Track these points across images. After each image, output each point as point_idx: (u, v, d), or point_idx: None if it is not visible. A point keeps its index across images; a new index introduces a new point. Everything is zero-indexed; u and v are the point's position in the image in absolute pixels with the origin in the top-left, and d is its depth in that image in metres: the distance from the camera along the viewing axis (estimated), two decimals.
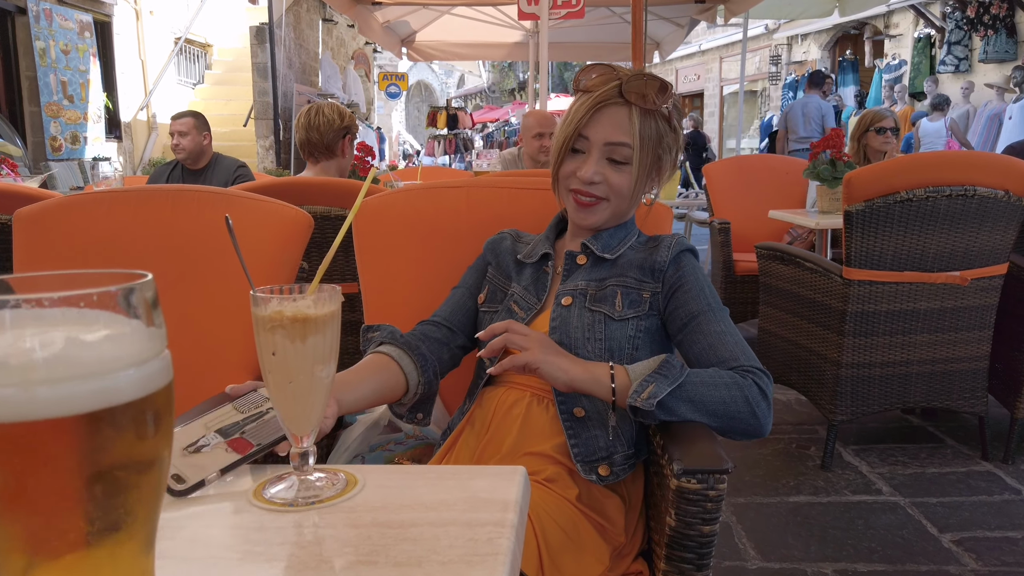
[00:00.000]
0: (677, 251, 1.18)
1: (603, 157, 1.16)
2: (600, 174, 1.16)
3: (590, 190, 1.17)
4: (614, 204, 1.19)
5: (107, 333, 0.40)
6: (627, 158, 1.15)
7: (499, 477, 0.77)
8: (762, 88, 16.95)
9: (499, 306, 1.25)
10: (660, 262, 1.17)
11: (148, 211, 1.53)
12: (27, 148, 7.48)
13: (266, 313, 0.72)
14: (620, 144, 1.15)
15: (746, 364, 1.07)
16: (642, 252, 1.21)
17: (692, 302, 1.13)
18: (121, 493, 0.40)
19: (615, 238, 1.23)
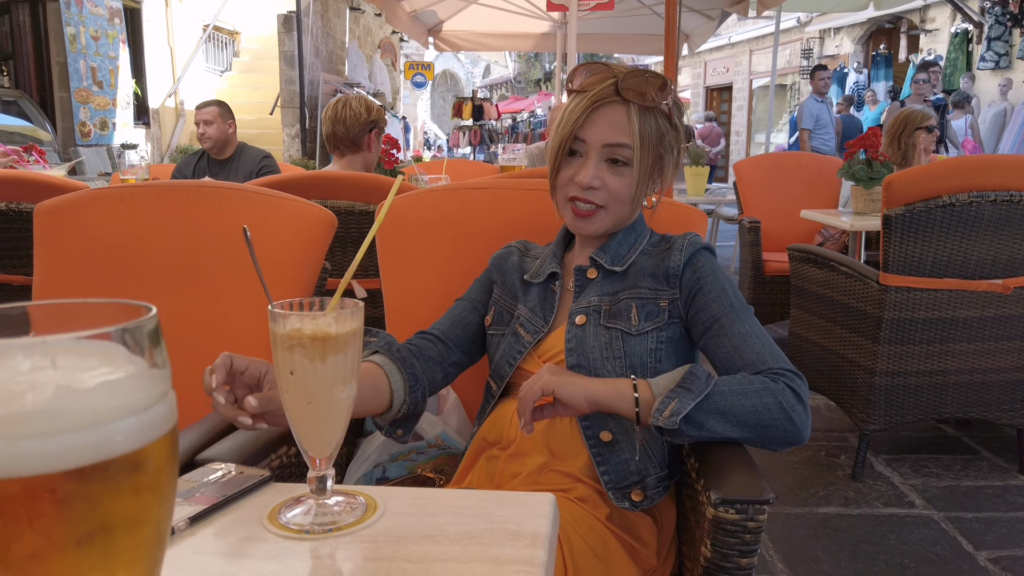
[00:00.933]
0: (691, 252, 1.11)
1: (602, 160, 1.09)
2: (599, 178, 1.09)
3: (588, 196, 1.10)
4: (613, 211, 1.11)
5: (103, 380, 0.36)
6: (627, 159, 1.08)
7: (527, 506, 0.73)
8: (792, 82, 16.69)
9: (506, 328, 1.19)
10: (674, 267, 1.10)
11: (169, 207, 1.50)
12: (57, 134, 7.55)
13: (284, 331, 0.68)
14: (619, 145, 1.08)
15: (776, 366, 1.00)
16: (654, 257, 1.14)
17: (713, 304, 1.07)
18: (116, 552, 0.36)
19: (624, 245, 1.16)
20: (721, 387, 0.96)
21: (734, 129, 18.76)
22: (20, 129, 7.05)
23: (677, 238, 1.15)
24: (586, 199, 1.10)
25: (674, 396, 0.93)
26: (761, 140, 16.54)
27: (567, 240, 1.24)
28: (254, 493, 0.76)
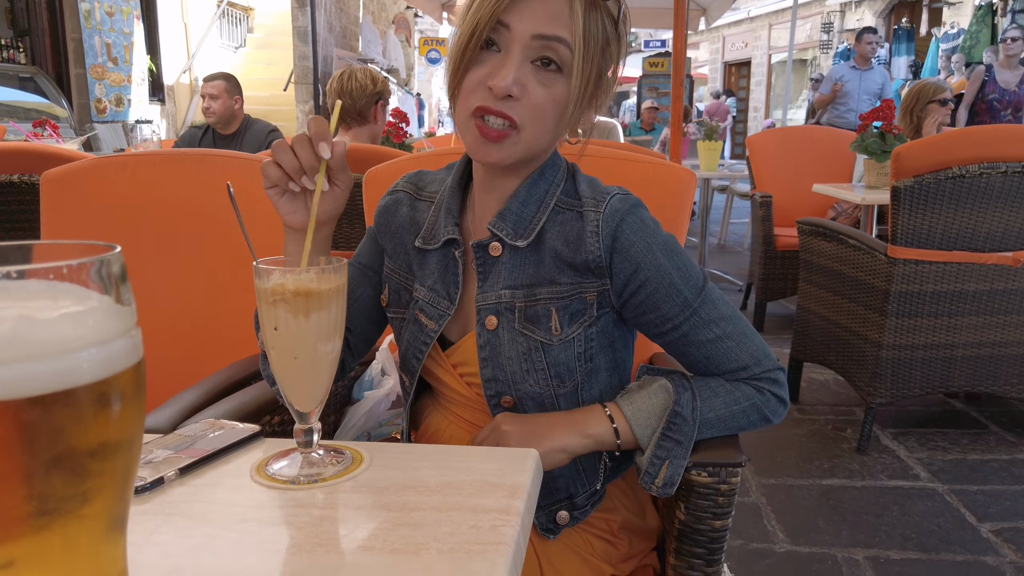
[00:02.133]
0: (610, 232, 0.86)
1: (527, 60, 0.81)
2: (521, 86, 0.81)
3: (503, 108, 0.81)
4: (529, 136, 0.84)
5: (65, 311, 0.37)
6: (563, 61, 0.81)
7: (509, 460, 0.74)
8: (812, 57, 16.45)
9: (405, 312, 0.98)
10: (594, 257, 0.87)
11: (173, 175, 1.51)
12: (73, 110, 7.59)
13: (268, 286, 0.69)
14: (555, 39, 0.80)
15: (758, 371, 0.90)
16: (568, 225, 0.89)
17: (664, 305, 0.87)
18: (81, 478, 0.38)
19: (530, 204, 0.90)
20: (707, 414, 0.88)
21: (752, 105, 18.55)
22: (36, 105, 7.10)
23: (587, 202, 0.88)
24: (499, 111, 0.81)
25: (664, 456, 0.86)
26: (779, 116, 16.34)
27: (464, 181, 0.97)
28: (244, 447, 0.78)
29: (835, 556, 1.89)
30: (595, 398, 0.92)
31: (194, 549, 0.59)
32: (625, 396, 0.91)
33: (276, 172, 0.79)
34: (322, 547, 0.59)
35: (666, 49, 17.60)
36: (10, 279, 0.36)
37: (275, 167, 0.79)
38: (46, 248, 0.41)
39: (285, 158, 0.78)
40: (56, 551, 0.37)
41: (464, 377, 0.95)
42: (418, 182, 1.02)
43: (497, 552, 0.58)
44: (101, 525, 0.39)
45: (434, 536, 0.60)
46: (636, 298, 0.88)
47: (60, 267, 0.37)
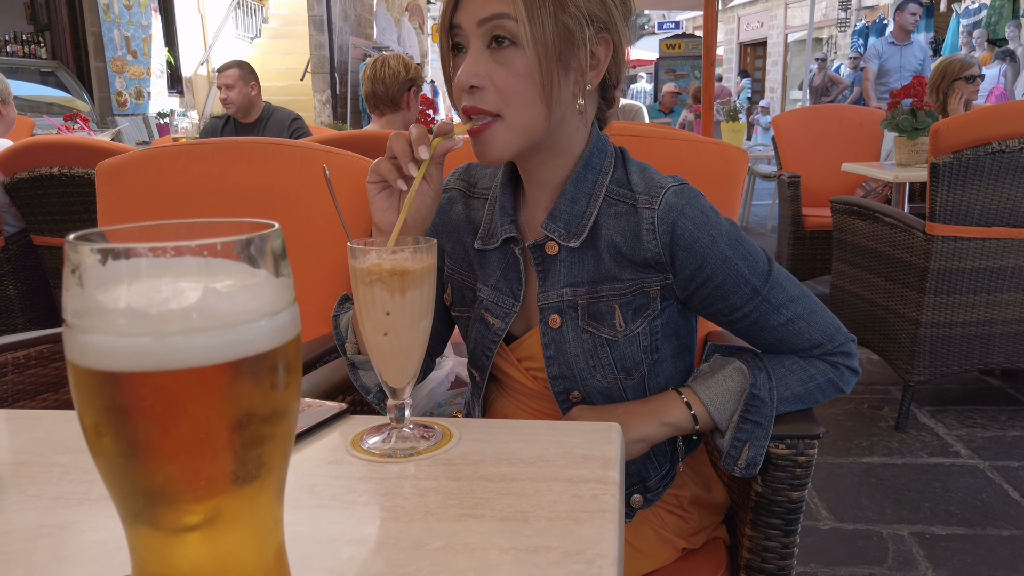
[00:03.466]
0: (667, 227, 0.85)
1: (484, 47, 0.81)
2: (483, 75, 0.80)
3: (473, 102, 0.81)
4: (514, 120, 0.81)
5: (242, 284, 0.39)
6: (514, 35, 0.79)
7: (596, 434, 0.76)
8: (829, 36, 16.26)
9: (470, 311, 0.99)
10: (653, 254, 0.85)
11: (223, 164, 1.54)
12: (94, 103, 7.66)
13: (364, 266, 0.71)
14: (497, 17, 0.79)
15: (831, 347, 0.90)
16: (622, 219, 0.87)
17: (731, 294, 0.86)
18: (258, 443, 0.40)
19: (580, 199, 0.88)
20: (783, 393, 0.89)
21: (768, 86, 18.38)
22: (59, 100, 7.18)
23: (640, 197, 0.87)
24: (472, 107, 0.81)
25: (744, 437, 0.87)
26: (797, 96, 16.18)
27: (515, 176, 0.95)
28: (334, 424, 0.80)
29: (880, 532, 1.90)
30: (662, 385, 0.94)
31: (311, 519, 0.61)
32: (699, 380, 0.92)
33: (387, 166, 0.80)
34: (433, 515, 0.61)
35: (682, 31, 17.46)
36: (168, 256, 0.38)
37: (388, 162, 0.80)
38: (209, 227, 0.43)
39: (398, 147, 0.79)
40: (245, 510, 0.39)
41: (530, 371, 0.97)
42: (469, 178, 1.01)
43: (604, 519, 0.60)
44: (274, 487, 0.41)
45: (538, 504, 0.62)
46: (703, 291, 0.87)
47: (233, 242, 0.39)
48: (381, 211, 0.83)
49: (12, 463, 0.72)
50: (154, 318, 0.37)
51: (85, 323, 0.38)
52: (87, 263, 0.38)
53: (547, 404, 0.96)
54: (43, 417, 0.86)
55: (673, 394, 0.91)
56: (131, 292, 0.37)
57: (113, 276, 0.38)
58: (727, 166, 1.31)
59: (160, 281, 0.38)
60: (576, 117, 0.87)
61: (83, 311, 0.38)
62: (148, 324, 0.37)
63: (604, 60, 0.86)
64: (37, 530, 0.60)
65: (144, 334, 0.37)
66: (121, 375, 0.37)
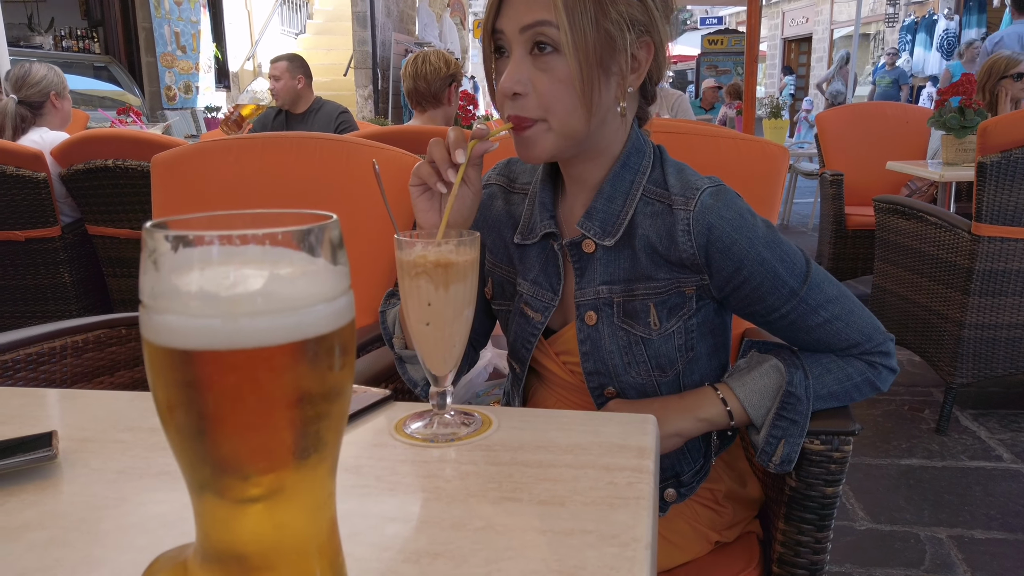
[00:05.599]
0: (703, 229, 0.85)
1: (526, 53, 0.82)
2: (525, 81, 0.82)
3: (516, 109, 0.83)
4: (558, 124, 0.83)
5: (303, 270, 0.42)
6: (555, 41, 0.80)
7: (631, 424, 0.78)
8: (876, 31, 15.93)
9: (510, 304, 1.01)
10: (688, 255, 0.86)
11: (273, 157, 1.58)
12: (145, 97, 7.86)
13: (410, 258, 0.74)
14: (539, 24, 0.80)
15: (869, 347, 0.90)
16: (659, 219, 0.88)
17: (768, 296, 0.87)
18: (316, 420, 0.43)
19: (616, 198, 0.90)
20: (820, 391, 0.90)
21: (813, 82, 18.06)
22: (111, 94, 7.38)
23: (676, 197, 0.88)
24: (515, 115, 0.83)
25: (780, 435, 0.88)
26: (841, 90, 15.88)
27: (555, 171, 0.97)
28: (379, 409, 0.84)
29: (917, 535, 1.89)
30: (697, 382, 0.95)
31: (361, 497, 0.64)
32: (736, 377, 0.93)
33: (427, 169, 0.83)
34: (474, 497, 0.64)
35: (725, 26, 17.25)
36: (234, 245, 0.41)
37: (427, 166, 0.83)
38: (272, 217, 0.46)
39: (437, 153, 0.82)
40: (303, 482, 0.42)
41: (567, 365, 0.98)
42: (509, 174, 1.03)
43: (639, 505, 0.62)
44: (329, 462, 0.44)
45: (575, 490, 0.65)
46: (740, 292, 0.88)
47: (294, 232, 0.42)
48: (423, 212, 0.86)
49: (76, 439, 0.76)
50: (224, 300, 0.40)
51: (160, 304, 0.41)
52: (162, 249, 0.41)
53: (584, 397, 0.98)
54: (104, 397, 0.91)
55: (709, 389, 0.92)
56: (203, 276, 0.40)
57: (186, 261, 0.41)
58: (768, 164, 1.32)
59: (229, 267, 0.41)
60: (616, 118, 0.88)
61: (159, 293, 0.41)
62: (218, 306, 0.40)
63: (645, 63, 0.87)
64: (102, 501, 0.64)
65: (214, 315, 0.40)
66: (193, 353, 0.40)
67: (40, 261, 2.80)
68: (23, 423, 0.81)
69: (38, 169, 2.67)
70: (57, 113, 2.97)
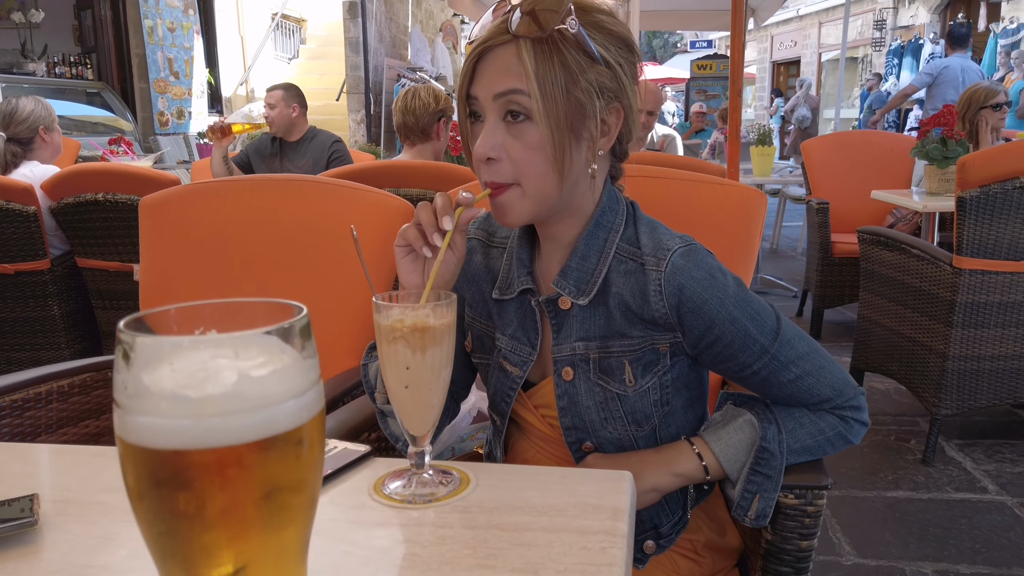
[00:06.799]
0: (675, 290, 0.87)
1: (500, 120, 0.85)
2: (499, 147, 0.84)
3: (491, 174, 0.85)
4: (532, 189, 0.85)
5: (272, 368, 0.43)
6: (526, 110, 0.83)
7: (607, 482, 0.79)
8: (864, 55, 16.13)
9: (490, 358, 1.02)
10: (661, 314, 0.88)
11: (261, 200, 1.60)
12: (137, 123, 7.89)
13: (388, 322, 0.75)
14: (511, 92, 0.82)
15: (840, 401, 0.92)
16: (631, 277, 0.90)
17: (739, 354, 0.89)
18: (283, 509, 0.44)
19: (590, 258, 0.91)
20: (793, 445, 0.91)
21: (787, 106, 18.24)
22: (103, 119, 7.40)
23: (648, 258, 0.89)
24: (490, 181, 0.86)
25: (755, 490, 0.89)
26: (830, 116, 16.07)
27: (531, 230, 0.98)
28: (358, 467, 0.85)
29: (903, 570, 1.89)
30: (673, 435, 0.96)
31: (333, 565, 0.65)
32: (711, 431, 0.94)
33: (413, 233, 0.84)
34: (448, 565, 0.65)
35: (714, 51, 17.44)
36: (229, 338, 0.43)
37: (415, 229, 0.84)
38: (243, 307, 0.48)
39: (424, 217, 0.83)
40: (271, 568, 0.43)
41: (546, 418, 1.00)
42: (488, 227, 1.04)
43: (611, 572, 0.63)
44: (298, 547, 0.45)
45: (549, 556, 0.66)
46: (712, 350, 0.90)
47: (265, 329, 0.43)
48: (407, 273, 0.87)
49: (58, 500, 0.77)
50: (194, 402, 0.41)
51: (133, 404, 0.42)
52: (134, 346, 0.42)
53: (563, 449, 0.99)
54: (85, 454, 0.92)
55: (685, 444, 0.93)
56: (174, 376, 0.42)
57: (157, 359, 0.42)
58: (745, 209, 1.34)
59: (199, 365, 0.42)
60: (588, 179, 0.90)
61: (132, 393, 0.42)
62: (189, 407, 0.41)
63: (615, 127, 0.89)
64: (83, 571, 0.65)
65: (185, 416, 0.41)
66: (163, 452, 0.42)
67: (29, 294, 2.80)
68: (4, 482, 0.82)
69: (28, 203, 2.68)
70: (47, 147, 2.98)
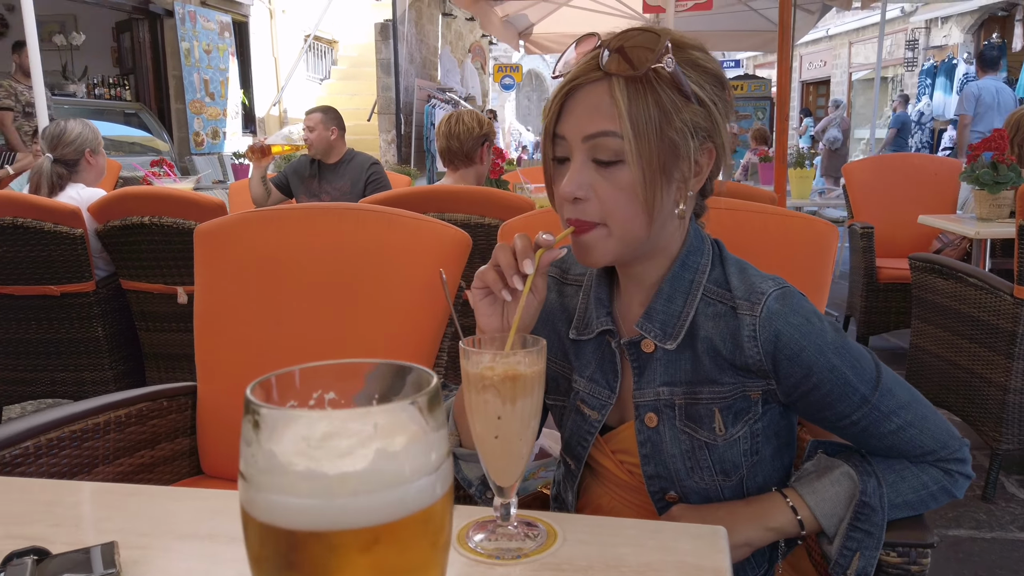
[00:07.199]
0: (769, 335, 0.83)
1: (588, 160, 0.82)
2: (586, 187, 0.82)
3: (577, 213, 0.83)
4: (619, 230, 0.83)
5: (407, 442, 0.40)
6: (617, 153, 0.80)
7: (703, 539, 0.75)
8: (894, 75, 15.98)
9: (565, 400, 0.99)
10: (753, 361, 0.84)
11: (315, 227, 1.59)
12: (173, 143, 8.01)
13: (476, 370, 0.72)
14: (602, 134, 0.80)
15: (944, 454, 0.87)
16: (721, 320, 0.86)
17: (837, 403, 0.85)
18: None
19: (676, 300, 0.88)
20: (895, 500, 0.86)
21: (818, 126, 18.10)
22: (141, 140, 7.53)
23: (741, 302, 0.86)
24: (575, 219, 0.83)
25: (854, 547, 0.85)
26: (862, 135, 15.90)
27: (610, 269, 0.95)
28: None
29: None
30: (760, 485, 0.92)
31: None
32: (805, 483, 0.89)
33: (492, 276, 0.80)
34: None
35: (743, 71, 17.38)
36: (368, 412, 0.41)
37: (493, 271, 0.80)
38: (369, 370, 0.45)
39: (503, 259, 0.80)
40: None
41: (624, 464, 0.95)
42: (562, 264, 1.01)
43: None
44: None
45: None
46: (808, 399, 0.86)
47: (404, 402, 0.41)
48: (485, 316, 0.83)
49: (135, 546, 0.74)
50: (330, 480, 0.39)
51: (263, 480, 0.40)
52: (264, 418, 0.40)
53: (641, 497, 0.95)
54: (156, 495, 0.90)
55: (778, 496, 0.89)
56: (309, 451, 0.39)
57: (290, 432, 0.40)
58: (817, 243, 1.29)
59: (332, 439, 0.40)
60: (675, 219, 0.87)
61: (263, 468, 0.40)
62: (324, 486, 0.39)
63: (707, 167, 0.87)
64: None
65: (319, 496, 0.39)
66: (296, 533, 0.39)
67: (75, 315, 2.82)
68: (80, 526, 0.80)
69: (75, 225, 2.71)
70: (92, 169, 3.00)
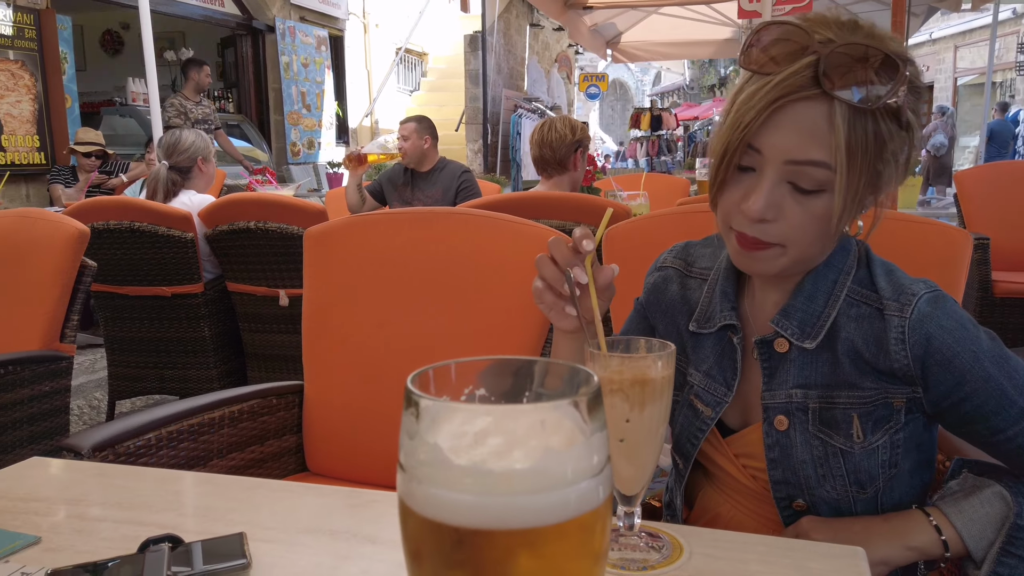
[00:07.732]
0: (920, 338, 0.78)
1: (782, 181, 0.77)
2: (776, 208, 0.77)
3: (757, 233, 0.79)
4: (795, 252, 0.80)
5: (572, 442, 0.39)
6: (821, 184, 0.76)
7: (839, 560, 0.71)
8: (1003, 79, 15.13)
9: (679, 394, 0.93)
10: (900, 366, 0.80)
11: (419, 231, 1.61)
12: (272, 153, 8.33)
13: (604, 374, 0.71)
14: (812, 164, 0.75)
15: None
16: (866, 323, 0.82)
17: (992, 416, 0.78)
18: None
19: (817, 299, 0.84)
20: None
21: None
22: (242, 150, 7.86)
23: (889, 303, 0.81)
24: (754, 239, 0.79)
25: (1007, 573, 0.78)
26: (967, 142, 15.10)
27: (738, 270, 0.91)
28: None
29: None
30: (896, 501, 0.86)
31: None
32: (951, 502, 0.84)
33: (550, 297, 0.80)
34: None
35: None
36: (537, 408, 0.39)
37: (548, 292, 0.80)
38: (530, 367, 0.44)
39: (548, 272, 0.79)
40: None
41: (748, 469, 0.92)
42: (687, 257, 0.98)
43: None
44: None
45: None
46: (958, 410, 0.81)
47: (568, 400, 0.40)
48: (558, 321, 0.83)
49: (260, 539, 0.76)
50: (496, 477, 0.38)
51: (424, 472, 0.39)
52: (426, 411, 0.39)
53: (763, 505, 0.91)
54: (278, 490, 0.92)
55: (919, 514, 0.84)
56: (471, 447, 0.38)
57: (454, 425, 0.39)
58: (950, 250, 1.23)
59: (497, 435, 0.39)
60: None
61: (424, 460, 0.39)
62: (491, 483, 0.38)
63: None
64: None
65: (486, 493, 0.38)
66: (461, 530, 0.38)
67: (184, 315, 2.95)
68: (208, 516, 0.83)
69: (186, 229, 2.84)
70: (203, 176, 3.16)
